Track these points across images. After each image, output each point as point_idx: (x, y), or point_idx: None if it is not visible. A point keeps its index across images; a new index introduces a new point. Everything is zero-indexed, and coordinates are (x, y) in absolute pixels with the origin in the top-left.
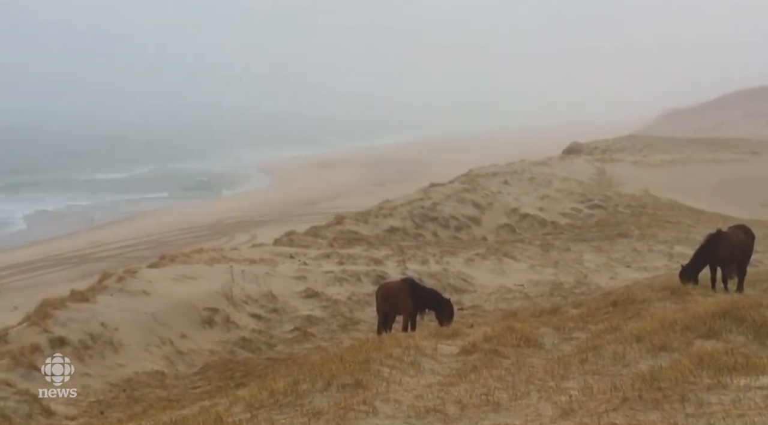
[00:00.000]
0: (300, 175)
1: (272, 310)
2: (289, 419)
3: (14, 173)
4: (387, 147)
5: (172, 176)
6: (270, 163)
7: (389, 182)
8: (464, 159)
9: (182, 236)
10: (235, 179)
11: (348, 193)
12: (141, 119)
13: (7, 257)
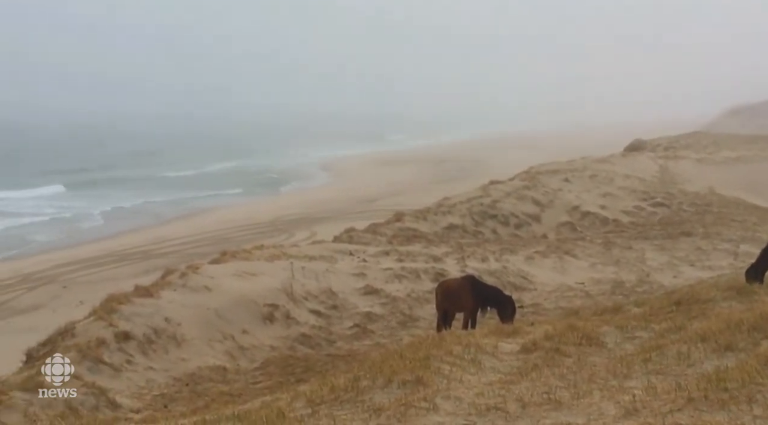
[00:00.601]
0: (360, 172)
1: (332, 307)
2: (350, 415)
3: (91, 170)
4: (447, 145)
5: (238, 173)
6: (331, 160)
7: (449, 180)
8: (524, 157)
9: (242, 233)
10: (296, 176)
11: (407, 190)
12: (219, 117)
13: (75, 253)
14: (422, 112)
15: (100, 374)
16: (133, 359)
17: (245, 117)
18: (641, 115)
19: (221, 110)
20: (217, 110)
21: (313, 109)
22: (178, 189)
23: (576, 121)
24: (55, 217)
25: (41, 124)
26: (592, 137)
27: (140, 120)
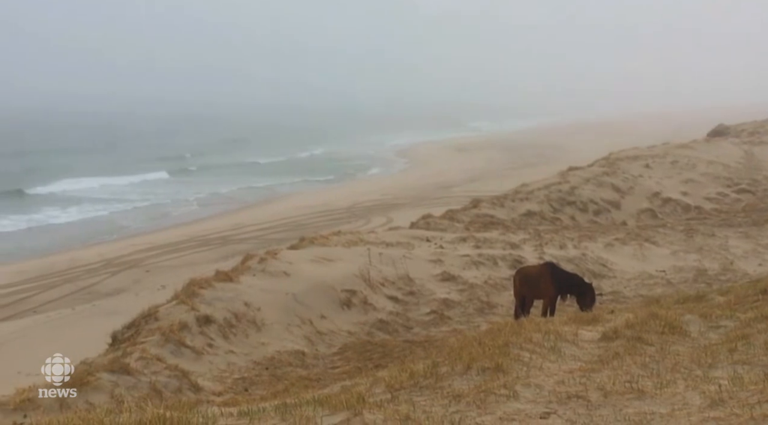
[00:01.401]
0: (437, 158)
1: (409, 293)
2: (430, 401)
3: (191, 157)
4: (523, 131)
5: (321, 160)
6: (408, 147)
7: (526, 166)
8: (603, 142)
9: (320, 219)
10: (374, 163)
11: (484, 176)
12: (304, 107)
13: (157, 238)
14: (499, 100)
15: (183, 357)
16: (214, 342)
17: (330, 107)
18: (722, 100)
19: (306, 100)
20: (302, 100)
21: (395, 99)
22: (270, 175)
23: (655, 107)
24: (154, 203)
25: (136, 114)
26: (672, 122)
27: (231, 110)
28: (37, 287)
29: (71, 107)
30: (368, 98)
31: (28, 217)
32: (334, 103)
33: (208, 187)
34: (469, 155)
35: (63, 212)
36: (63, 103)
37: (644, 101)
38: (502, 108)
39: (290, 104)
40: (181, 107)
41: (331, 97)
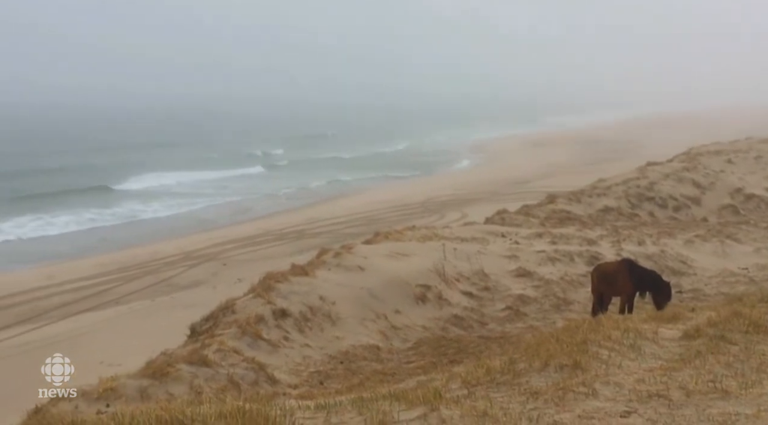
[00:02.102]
0: (511, 154)
1: (484, 288)
2: (507, 397)
3: (271, 154)
4: (598, 126)
5: (402, 154)
6: (483, 142)
7: (602, 161)
8: (682, 137)
9: (394, 214)
10: (447, 158)
11: (560, 172)
12: (386, 106)
13: (235, 232)
14: (576, 95)
15: (259, 350)
16: (289, 336)
17: (412, 105)
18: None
19: (389, 100)
20: (385, 100)
21: (471, 96)
22: (354, 170)
23: (737, 101)
24: (245, 197)
25: (208, 111)
26: (755, 117)
27: (319, 108)
28: (120, 279)
29: (133, 104)
30: (443, 98)
31: (111, 211)
32: (409, 102)
33: (296, 181)
34: (544, 150)
35: (147, 206)
36: (123, 101)
37: (725, 95)
38: (579, 104)
39: (363, 103)
40: (245, 105)
41: (406, 97)
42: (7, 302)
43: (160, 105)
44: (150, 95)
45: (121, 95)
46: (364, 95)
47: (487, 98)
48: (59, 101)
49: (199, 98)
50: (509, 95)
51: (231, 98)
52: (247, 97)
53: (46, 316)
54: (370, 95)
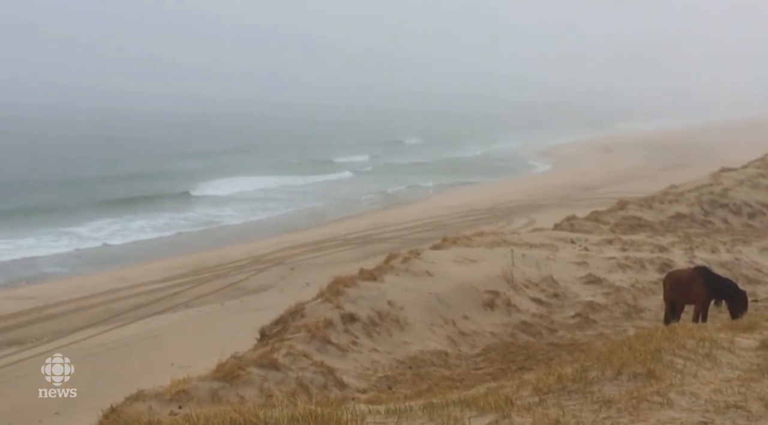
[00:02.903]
0: (579, 159)
1: (553, 295)
2: (579, 406)
3: (354, 161)
4: (672, 131)
5: (468, 160)
6: (552, 147)
7: (674, 167)
8: (757, 142)
9: (461, 219)
10: (515, 164)
11: (630, 177)
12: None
13: (303, 236)
14: (645, 101)
15: (328, 354)
16: (358, 340)
17: (481, 110)
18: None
19: (452, 106)
20: (449, 106)
21: (540, 101)
22: (433, 175)
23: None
24: (321, 202)
25: (274, 118)
26: None
27: (382, 114)
28: (190, 282)
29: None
30: (513, 104)
31: (184, 215)
32: (480, 109)
33: (377, 187)
34: (614, 156)
35: (221, 211)
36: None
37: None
38: (649, 109)
39: (429, 110)
40: (308, 112)
41: (473, 103)
42: (83, 304)
43: (229, 112)
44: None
45: (183, 100)
46: (426, 102)
47: (554, 103)
48: (119, 105)
49: (265, 105)
50: (577, 100)
51: (293, 105)
52: (304, 103)
53: (119, 318)
54: (434, 102)
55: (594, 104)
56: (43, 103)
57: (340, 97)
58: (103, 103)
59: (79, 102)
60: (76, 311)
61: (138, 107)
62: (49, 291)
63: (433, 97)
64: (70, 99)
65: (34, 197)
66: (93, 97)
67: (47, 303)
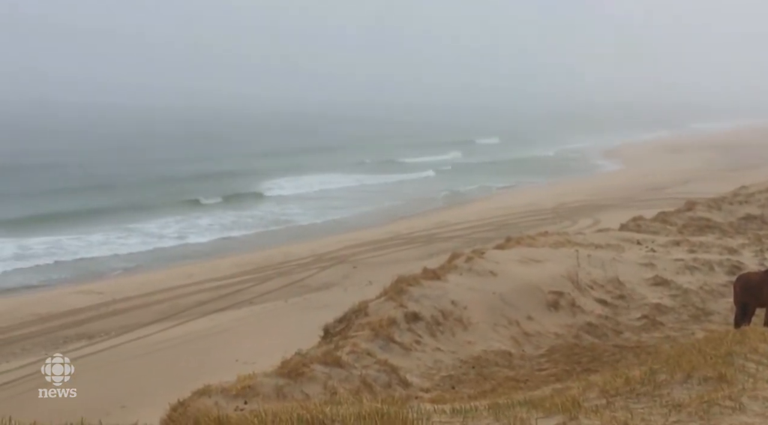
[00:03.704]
0: (645, 159)
1: (619, 296)
2: (648, 409)
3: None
4: (742, 131)
5: (532, 160)
6: (617, 147)
7: (744, 167)
8: None
9: (525, 219)
10: (580, 163)
11: (698, 178)
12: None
13: (366, 235)
14: (715, 100)
15: (391, 352)
16: (421, 339)
17: (540, 109)
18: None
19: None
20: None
21: (603, 99)
22: (507, 174)
23: None
24: (391, 202)
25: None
26: None
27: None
28: (254, 280)
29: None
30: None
31: (250, 213)
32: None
33: (457, 184)
34: (682, 156)
35: (288, 209)
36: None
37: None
38: (717, 108)
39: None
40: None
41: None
42: (149, 299)
43: (315, 111)
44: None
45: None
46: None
47: (616, 104)
48: (208, 105)
49: (355, 105)
50: (643, 100)
51: (376, 104)
52: (371, 102)
53: (185, 314)
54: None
55: (667, 104)
56: (140, 104)
57: (430, 97)
58: (193, 104)
59: (172, 102)
60: (143, 307)
61: (224, 106)
62: (117, 287)
63: (508, 96)
64: (164, 100)
65: (106, 195)
66: (185, 97)
67: (114, 298)
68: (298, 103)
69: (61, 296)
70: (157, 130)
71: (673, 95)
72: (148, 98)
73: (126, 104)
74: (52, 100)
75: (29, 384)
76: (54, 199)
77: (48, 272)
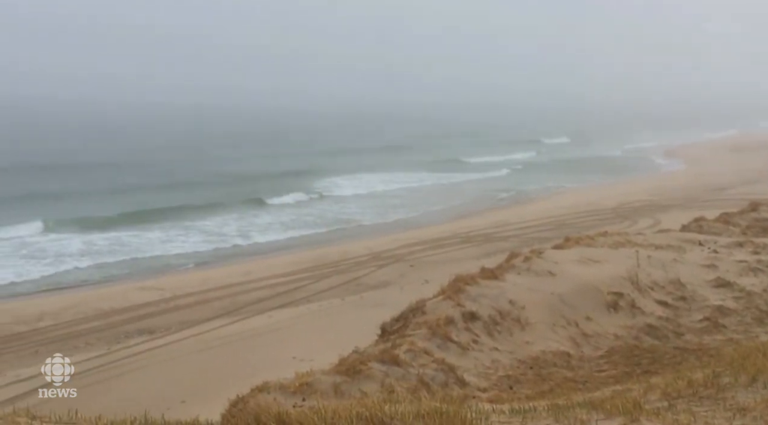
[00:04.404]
0: (708, 159)
1: (680, 298)
2: (711, 412)
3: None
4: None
5: (579, 159)
6: (678, 146)
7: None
8: None
9: (584, 219)
10: (638, 163)
11: (762, 178)
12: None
13: (423, 234)
14: None
15: (448, 351)
16: (479, 339)
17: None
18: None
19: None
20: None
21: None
22: (576, 173)
23: None
24: (451, 201)
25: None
26: None
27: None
28: (311, 277)
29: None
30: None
31: (307, 211)
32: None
33: (525, 184)
34: (746, 156)
35: (347, 207)
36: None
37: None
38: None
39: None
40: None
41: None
42: (209, 296)
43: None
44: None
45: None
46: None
47: (677, 102)
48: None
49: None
50: (702, 99)
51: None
52: (439, 103)
53: (243, 310)
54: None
55: (730, 104)
56: (226, 104)
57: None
58: (278, 104)
59: (258, 102)
60: (202, 303)
61: (302, 106)
62: (177, 283)
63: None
64: (250, 99)
65: (166, 193)
66: (269, 97)
67: (175, 295)
68: (370, 103)
69: (123, 292)
70: (223, 129)
71: (736, 95)
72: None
73: (210, 103)
74: (110, 100)
75: (93, 377)
76: (113, 197)
77: (110, 268)
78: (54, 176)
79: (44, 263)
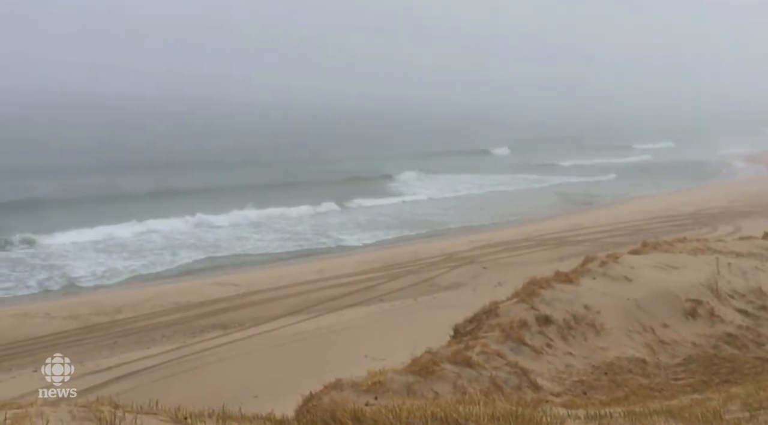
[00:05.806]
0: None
1: (761, 307)
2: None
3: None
4: None
5: (661, 163)
6: (759, 152)
7: None
8: None
9: (661, 224)
10: (719, 168)
11: None
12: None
13: (496, 236)
14: None
15: (522, 355)
16: (552, 343)
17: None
18: None
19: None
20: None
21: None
22: (660, 177)
23: None
24: (533, 203)
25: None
26: None
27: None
28: (383, 277)
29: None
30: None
31: (377, 211)
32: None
33: (599, 190)
34: None
35: (416, 208)
36: None
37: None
38: None
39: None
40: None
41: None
42: (282, 293)
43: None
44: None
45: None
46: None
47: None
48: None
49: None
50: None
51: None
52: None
53: (315, 308)
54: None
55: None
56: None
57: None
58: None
59: (295, 101)
60: (275, 300)
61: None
62: (251, 280)
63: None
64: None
65: (247, 190)
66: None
67: (249, 291)
68: (466, 105)
69: (199, 286)
70: (327, 129)
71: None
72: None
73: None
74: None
75: (170, 369)
76: (195, 193)
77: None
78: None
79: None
